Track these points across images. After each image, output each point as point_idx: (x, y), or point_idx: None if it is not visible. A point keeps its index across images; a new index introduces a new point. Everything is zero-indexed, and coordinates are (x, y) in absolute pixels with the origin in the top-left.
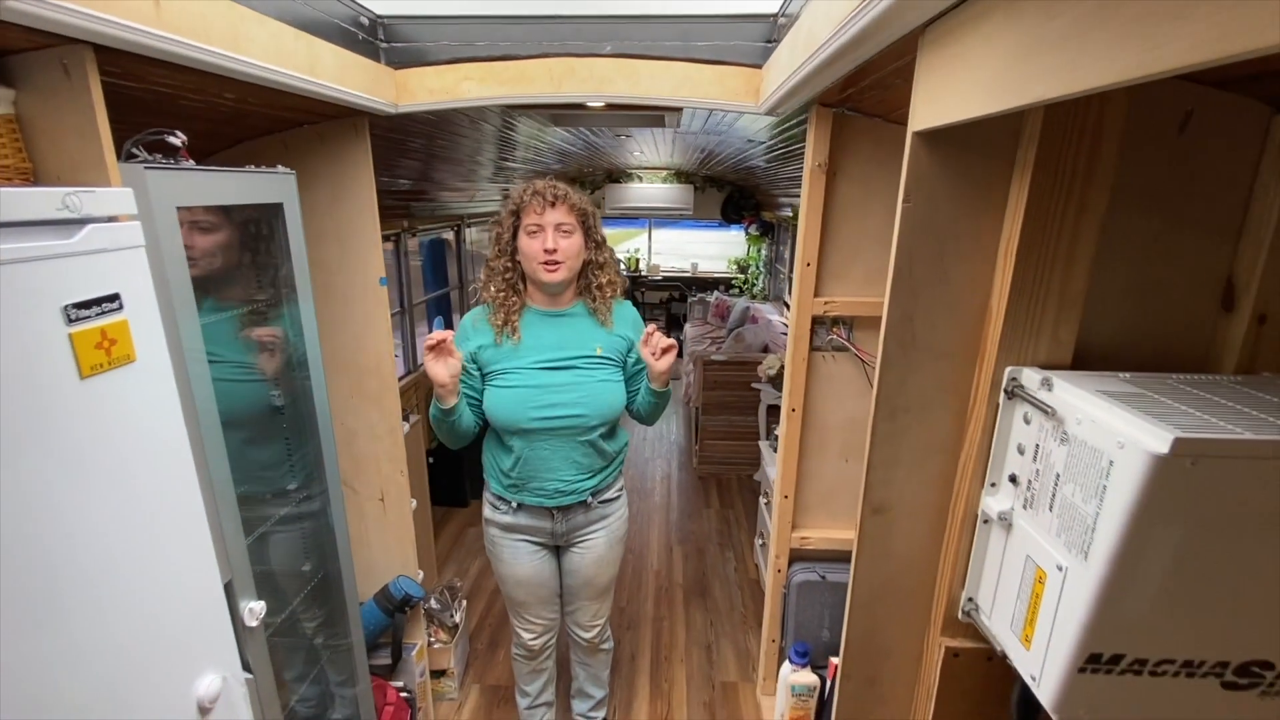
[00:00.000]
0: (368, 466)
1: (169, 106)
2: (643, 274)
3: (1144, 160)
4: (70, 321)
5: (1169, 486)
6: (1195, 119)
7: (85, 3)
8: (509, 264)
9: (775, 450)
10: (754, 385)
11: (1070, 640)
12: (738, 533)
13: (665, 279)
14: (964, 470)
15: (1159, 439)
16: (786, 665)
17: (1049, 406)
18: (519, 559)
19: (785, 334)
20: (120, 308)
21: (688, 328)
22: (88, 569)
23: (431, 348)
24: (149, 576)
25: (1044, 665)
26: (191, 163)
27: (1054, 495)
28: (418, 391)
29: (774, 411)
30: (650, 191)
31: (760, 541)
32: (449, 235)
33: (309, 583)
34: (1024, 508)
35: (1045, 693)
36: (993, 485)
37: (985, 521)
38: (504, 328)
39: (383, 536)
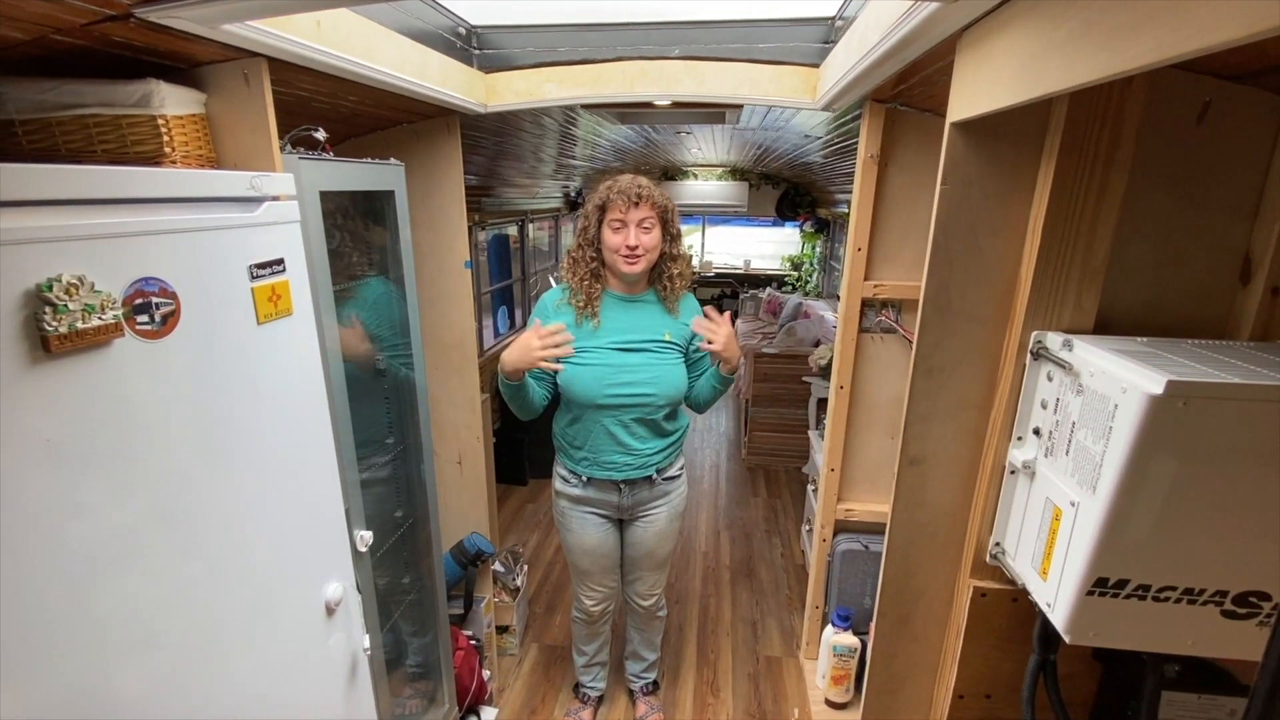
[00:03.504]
0: (448, 432)
1: (302, 108)
2: (696, 270)
3: (1165, 146)
4: (253, 278)
5: (1164, 424)
6: (1213, 109)
7: (267, 24)
8: (592, 254)
9: (824, 438)
10: (805, 379)
11: (1080, 566)
12: (785, 521)
13: (718, 275)
14: (994, 425)
15: (1154, 382)
16: (829, 628)
17: (1068, 363)
18: (586, 530)
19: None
20: (284, 270)
21: (739, 323)
22: (259, 478)
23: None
24: (298, 492)
25: (1058, 591)
26: (331, 155)
27: (1070, 441)
28: (482, 374)
29: (824, 405)
30: (706, 189)
31: (807, 527)
32: (513, 230)
33: (399, 528)
34: (1045, 456)
35: (1058, 616)
36: (1019, 439)
37: (1012, 472)
38: (585, 310)
39: (459, 497)
